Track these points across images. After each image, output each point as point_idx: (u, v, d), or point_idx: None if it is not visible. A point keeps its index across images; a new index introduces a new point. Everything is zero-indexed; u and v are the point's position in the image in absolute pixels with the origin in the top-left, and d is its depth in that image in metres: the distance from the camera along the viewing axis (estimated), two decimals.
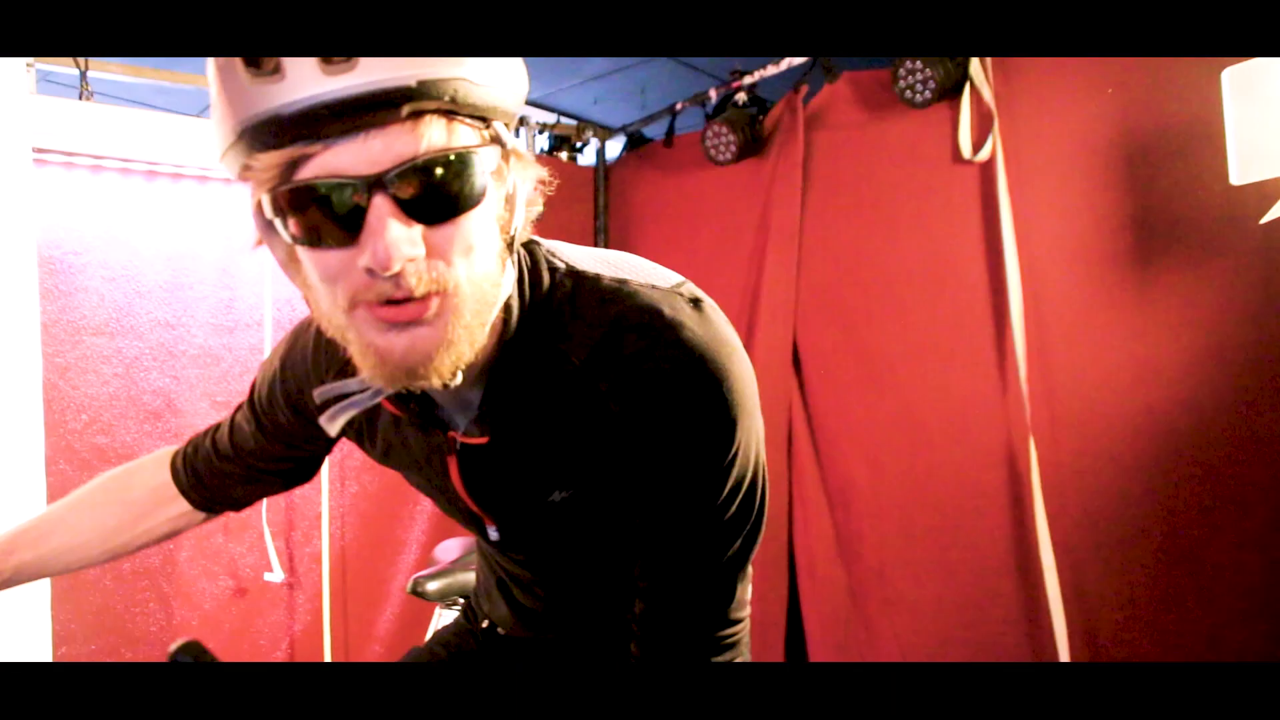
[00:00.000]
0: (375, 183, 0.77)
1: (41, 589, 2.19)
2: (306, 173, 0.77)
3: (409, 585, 1.76)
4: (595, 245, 3.61)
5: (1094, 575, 2.20)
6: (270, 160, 0.77)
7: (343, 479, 3.31)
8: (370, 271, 0.79)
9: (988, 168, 2.43)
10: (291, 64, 0.74)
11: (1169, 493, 2.08)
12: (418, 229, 0.79)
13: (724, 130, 3.02)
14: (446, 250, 0.81)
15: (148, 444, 2.99)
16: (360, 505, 3.36)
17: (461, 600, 1.71)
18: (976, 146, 2.45)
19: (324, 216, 0.79)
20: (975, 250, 2.47)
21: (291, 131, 0.75)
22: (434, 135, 0.78)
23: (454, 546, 1.89)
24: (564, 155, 3.69)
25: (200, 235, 3.11)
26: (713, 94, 3.17)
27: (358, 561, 3.34)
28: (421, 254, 0.79)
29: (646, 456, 0.97)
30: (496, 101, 0.82)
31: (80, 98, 2.86)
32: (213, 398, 3.11)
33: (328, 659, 3.18)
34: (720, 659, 1.05)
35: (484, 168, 0.82)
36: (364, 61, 0.74)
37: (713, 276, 2.90)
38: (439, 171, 0.78)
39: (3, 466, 2.07)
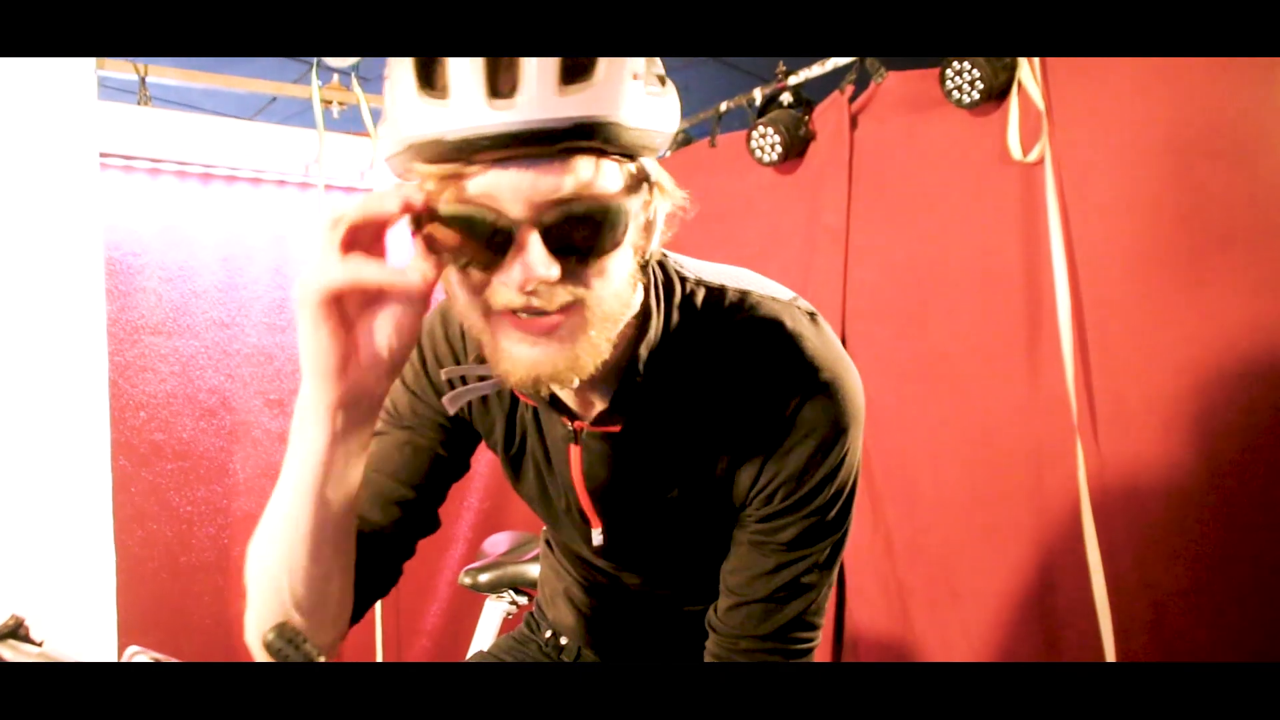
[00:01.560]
0: (523, 211, 0.83)
1: (107, 582, 2.24)
2: (462, 189, 0.83)
3: (460, 577, 1.79)
4: None
5: (1155, 574, 2.19)
6: (429, 172, 0.84)
7: None
8: (505, 286, 0.85)
9: (1037, 168, 2.43)
10: (459, 92, 0.80)
11: (1229, 492, 2.07)
12: (552, 253, 0.84)
13: (769, 130, 3.03)
14: (581, 276, 0.87)
15: (203, 441, 3.05)
16: None
17: (510, 591, 1.75)
18: (1026, 147, 2.45)
19: (472, 233, 0.84)
20: (1026, 250, 2.47)
21: (452, 155, 0.82)
22: (582, 172, 0.83)
23: (503, 540, 1.92)
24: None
25: (254, 236, 3.17)
26: (757, 94, 3.18)
27: None
28: (556, 275, 0.85)
29: (761, 459, 1.03)
30: (647, 141, 0.87)
31: (139, 102, 2.92)
32: (266, 396, 3.16)
33: (379, 653, 3.23)
34: (794, 661, 1.08)
35: (627, 207, 0.88)
36: (524, 96, 0.79)
37: None
38: (582, 212, 0.84)
39: (71, 462, 2.13)
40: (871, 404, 1.11)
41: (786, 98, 3.09)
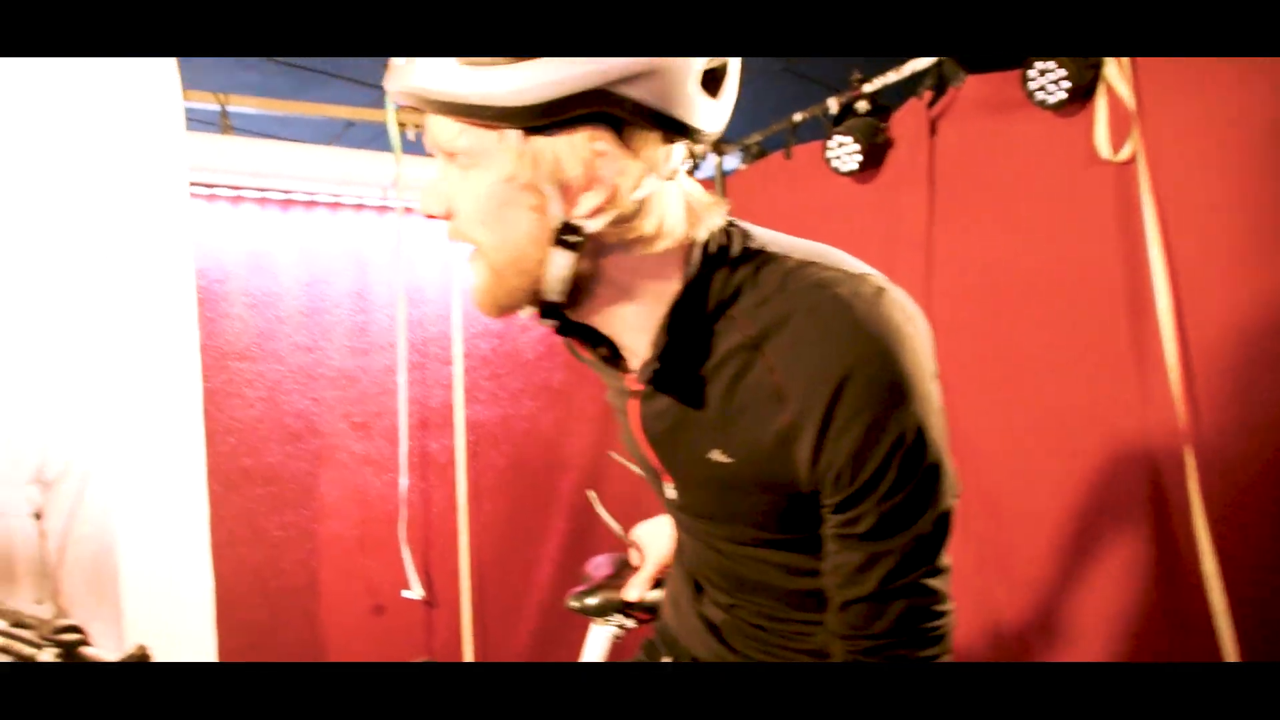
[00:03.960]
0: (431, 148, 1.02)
1: (205, 607, 2.26)
2: None
3: (569, 602, 1.76)
4: None
5: (1271, 584, 2.12)
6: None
7: (478, 497, 3.37)
8: None
9: (1127, 168, 2.37)
10: (392, 64, 0.98)
11: None
12: (446, 194, 1.02)
13: (847, 139, 2.99)
14: (460, 216, 1.02)
15: (291, 465, 3.08)
16: (495, 522, 3.41)
17: (618, 614, 1.72)
18: (1116, 146, 2.39)
19: None
20: (1121, 254, 2.40)
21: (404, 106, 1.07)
22: (439, 129, 0.99)
23: (604, 562, 1.89)
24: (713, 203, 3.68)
25: (334, 261, 3.20)
26: (832, 104, 3.14)
27: (494, 578, 3.39)
28: (443, 212, 1.03)
29: (814, 435, 0.99)
30: (472, 108, 0.94)
31: (221, 131, 2.96)
32: (350, 418, 3.19)
33: None
34: (927, 653, 1.04)
35: (479, 160, 0.99)
36: (408, 67, 0.96)
37: None
38: (443, 160, 1.02)
39: (169, 488, 2.15)
40: (959, 418, 1.06)
41: (862, 105, 3.05)
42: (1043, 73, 2.47)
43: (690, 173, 1.10)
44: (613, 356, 1.16)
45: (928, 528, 1.01)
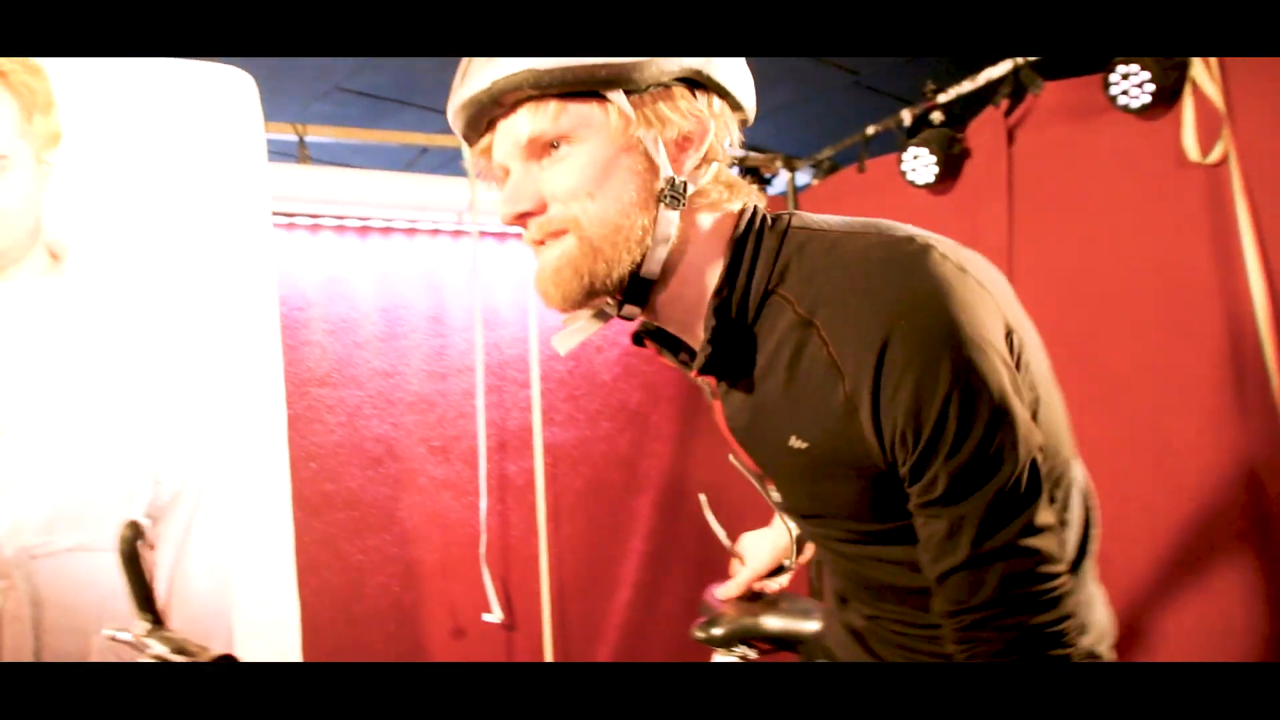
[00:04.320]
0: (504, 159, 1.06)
1: (291, 632, 2.28)
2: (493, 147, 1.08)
3: (694, 633, 1.70)
4: None
5: None
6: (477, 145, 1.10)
7: (557, 518, 3.36)
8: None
9: (1218, 170, 2.30)
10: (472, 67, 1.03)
11: None
12: (533, 189, 1.03)
13: (923, 151, 2.95)
14: (557, 200, 1.03)
15: (371, 489, 3.10)
16: (574, 544, 3.41)
17: (741, 645, 1.67)
18: (1205, 149, 2.32)
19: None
20: (1211, 258, 2.33)
21: (461, 129, 1.09)
22: (527, 118, 1.01)
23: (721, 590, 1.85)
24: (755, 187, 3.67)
25: (411, 286, 3.23)
26: (906, 115, 3.11)
27: (574, 600, 3.38)
28: (535, 205, 1.03)
29: (870, 399, 0.96)
30: (583, 75, 0.99)
31: (298, 160, 3.01)
32: (429, 443, 3.21)
33: None
34: (1041, 619, 0.97)
35: (582, 135, 1.02)
36: (500, 60, 0.99)
37: None
38: (521, 163, 1.04)
39: (257, 515, 2.18)
40: None
41: (937, 116, 3.01)
42: (1125, 76, 2.41)
43: (761, 189, 1.13)
44: (690, 360, 1.17)
45: (1009, 483, 0.96)
